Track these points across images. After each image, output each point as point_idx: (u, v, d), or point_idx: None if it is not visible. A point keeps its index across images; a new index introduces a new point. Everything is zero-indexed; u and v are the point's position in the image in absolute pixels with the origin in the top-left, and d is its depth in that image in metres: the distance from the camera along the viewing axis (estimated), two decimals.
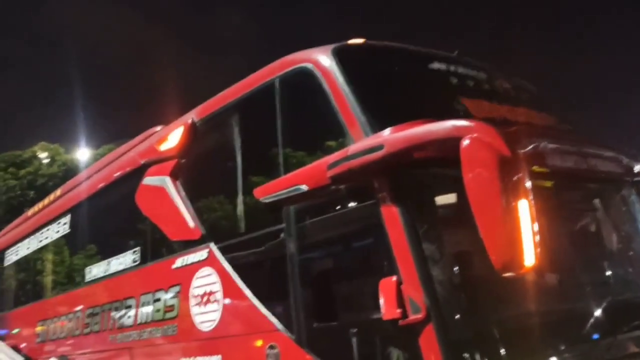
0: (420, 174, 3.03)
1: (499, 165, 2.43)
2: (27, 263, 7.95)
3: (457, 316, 2.92)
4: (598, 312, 3.05)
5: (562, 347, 2.98)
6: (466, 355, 2.79)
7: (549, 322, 2.98)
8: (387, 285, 2.91)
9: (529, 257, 2.38)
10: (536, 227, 2.42)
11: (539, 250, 2.39)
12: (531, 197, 2.44)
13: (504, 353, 2.85)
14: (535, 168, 2.86)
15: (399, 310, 2.85)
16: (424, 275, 2.87)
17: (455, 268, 3.01)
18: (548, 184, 3.00)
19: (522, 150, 2.73)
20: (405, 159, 2.90)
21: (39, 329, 7.04)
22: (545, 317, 3.00)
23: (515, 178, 2.44)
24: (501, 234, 2.40)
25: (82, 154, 20.32)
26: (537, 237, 2.40)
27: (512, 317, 3.05)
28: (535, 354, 2.91)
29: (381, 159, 2.92)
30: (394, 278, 2.91)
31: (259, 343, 3.79)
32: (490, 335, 2.90)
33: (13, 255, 8.24)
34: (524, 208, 2.41)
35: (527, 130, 3.11)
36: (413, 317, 2.83)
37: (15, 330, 7.85)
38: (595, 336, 3.05)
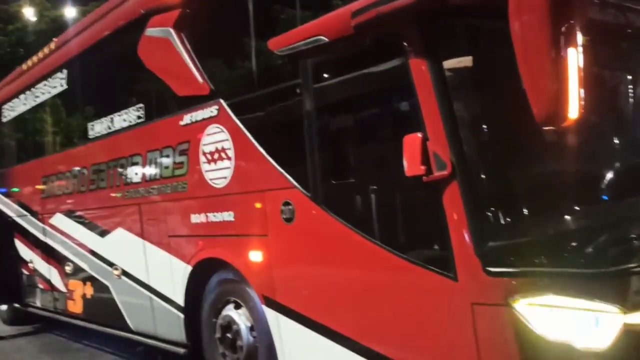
0: (456, 23, 2.83)
1: (551, 11, 2.23)
2: (26, 119, 7.81)
3: (483, 175, 2.88)
4: (625, 173, 3.01)
5: (586, 206, 2.97)
6: (489, 214, 2.77)
7: (576, 181, 2.94)
8: (411, 141, 2.81)
9: (574, 109, 2.26)
10: (582, 79, 2.28)
11: (582, 103, 2.27)
12: (580, 47, 2.27)
13: (527, 213, 2.85)
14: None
15: (423, 167, 2.77)
16: (452, 131, 2.76)
17: (484, 126, 2.91)
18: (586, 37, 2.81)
19: None
20: (441, 5, 2.68)
21: (43, 185, 7.07)
22: (573, 176, 2.96)
23: (566, 26, 2.25)
24: (547, 85, 2.26)
25: (69, 12, 19.42)
26: (582, 90, 2.27)
27: (538, 176, 3.00)
28: (559, 212, 2.90)
29: (413, 3, 2.67)
30: (420, 134, 2.81)
31: (273, 200, 3.78)
32: (514, 195, 2.88)
33: (10, 111, 8.07)
34: (573, 58, 2.25)
35: None
36: (438, 173, 2.76)
37: (19, 187, 7.91)
38: (619, 196, 3.04)
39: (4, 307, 8.57)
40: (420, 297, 2.97)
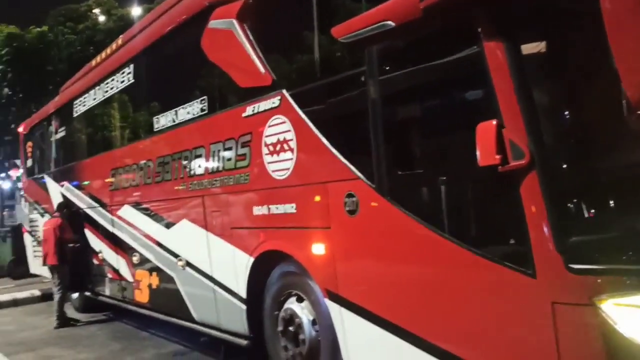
0: (534, 3, 2.63)
1: None
2: (96, 114, 8.03)
3: (564, 164, 2.68)
4: None
5: None
6: (571, 206, 2.58)
7: None
8: (486, 129, 2.63)
9: None
10: None
11: None
12: None
13: (613, 206, 2.64)
14: None
15: (498, 156, 2.60)
16: (530, 117, 2.58)
17: (565, 113, 2.71)
18: None
19: None
20: None
21: (112, 177, 7.25)
22: None
23: None
24: None
25: (136, 10, 19.97)
26: None
27: (625, 166, 2.76)
28: None
29: None
30: (495, 121, 2.63)
31: (336, 192, 3.69)
32: (599, 186, 2.67)
33: (81, 107, 8.32)
34: None
35: None
36: (515, 163, 2.58)
37: (89, 180, 8.14)
38: None
39: (76, 295, 8.90)
40: (494, 295, 2.80)
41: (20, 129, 11.66)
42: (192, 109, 5.37)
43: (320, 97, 3.88)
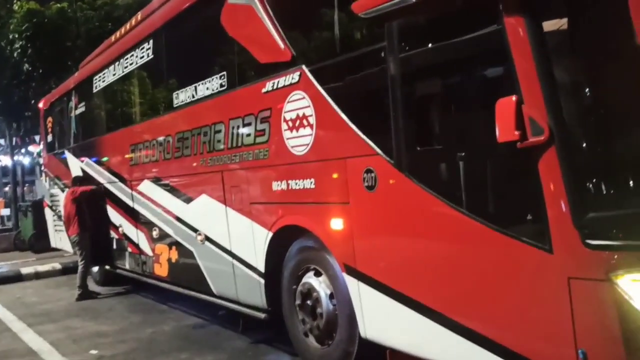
0: None
1: None
2: (115, 89, 8.09)
3: (583, 141, 2.68)
4: None
5: None
6: (589, 183, 2.59)
7: None
8: (505, 105, 2.64)
9: None
10: None
11: None
12: None
13: (631, 182, 2.64)
14: None
15: (517, 132, 2.61)
16: (550, 94, 2.58)
17: (584, 89, 2.70)
18: None
19: None
20: None
21: (131, 153, 7.33)
22: None
23: None
24: None
25: None
26: None
27: None
28: None
29: None
30: (514, 97, 2.64)
31: (355, 167, 3.72)
32: (617, 162, 2.66)
33: (100, 82, 8.39)
34: None
35: None
36: (533, 139, 2.59)
37: (109, 155, 8.24)
38: None
39: (96, 268, 9.08)
40: (511, 270, 2.83)
41: (40, 105, 11.80)
42: (211, 85, 5.40)
43: (340, 73, 3.89)
